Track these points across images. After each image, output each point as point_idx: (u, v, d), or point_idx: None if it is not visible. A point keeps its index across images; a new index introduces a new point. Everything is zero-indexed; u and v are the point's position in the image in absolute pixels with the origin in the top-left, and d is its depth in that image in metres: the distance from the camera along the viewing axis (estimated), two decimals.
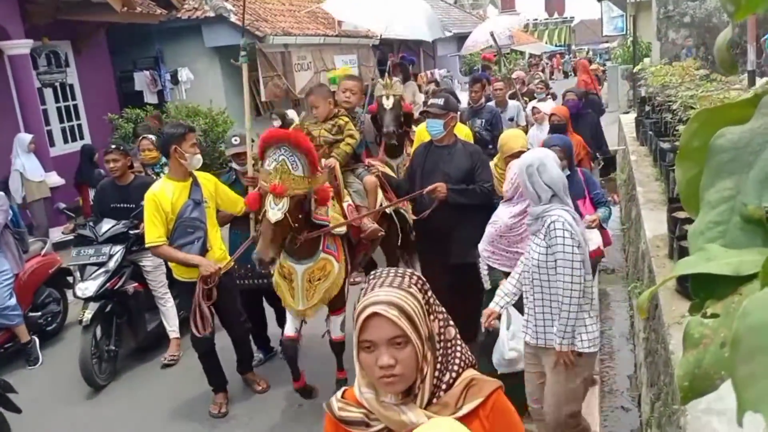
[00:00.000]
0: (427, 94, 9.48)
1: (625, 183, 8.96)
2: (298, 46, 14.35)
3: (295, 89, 13.68)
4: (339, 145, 4.63)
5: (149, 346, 5.64)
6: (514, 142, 4.47)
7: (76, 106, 11.31)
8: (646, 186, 6.39)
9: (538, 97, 9.15)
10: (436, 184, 4.42)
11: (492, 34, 10.04)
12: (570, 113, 6.55)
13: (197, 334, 4.20)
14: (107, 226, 5.30)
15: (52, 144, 10.41)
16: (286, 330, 4.29)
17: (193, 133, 4.38)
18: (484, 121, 7.23)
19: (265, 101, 13.48)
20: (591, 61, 20.08)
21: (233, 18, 12.26)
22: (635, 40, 17.79)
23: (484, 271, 4.10)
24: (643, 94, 10.70)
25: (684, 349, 0.70)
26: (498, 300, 3.40)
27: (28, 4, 9.36)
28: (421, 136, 5.62)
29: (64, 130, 11.03)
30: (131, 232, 5.29)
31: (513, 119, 8.04)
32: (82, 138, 11.21)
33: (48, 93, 10.53)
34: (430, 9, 9.65)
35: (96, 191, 5.94)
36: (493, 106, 7.91)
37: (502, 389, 1.50)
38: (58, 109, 10.94)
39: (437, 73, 18.85)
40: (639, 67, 13.15)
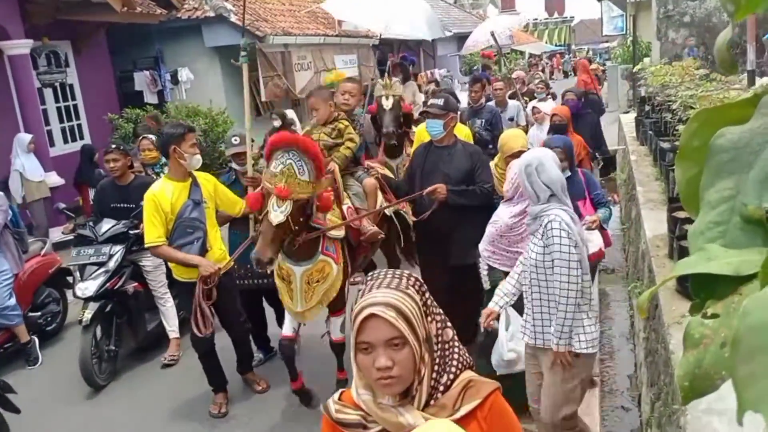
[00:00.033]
0: (426, 94, 9.47)
1: (625, 183, 8.96)
2: (298, 46, 14.35)
3: (295, 89, 13.68)
4: (339, 149, 4.63)
5: (149, 346, 5.64)
6: (515, 141, 4.47)
7: (76, 106, 11.31)
8: (646, 186, 6.39)
9: (538, 96, 9.15)
10: (436, 186, 4.40)
11: (493, 33, 10.02)
12: (569, 113, 6.55)
13: (198, 334, 4.21)
14: (107, 226, 5.30)
15: (52, 144, 10.41)
16: (284, 330, 4.29)
17: (192, 133, 4.37)
18: (483, 121, 7.22)
19: (265, 101, 13.48)
20: (591, 60, 20.07)
21: (233, 18, 12.26)
22: (635, 40, 17.80)
23: (484, 271, 4.10)
24: (642, 94, 10.70)
25: (684, 349, 0.70)
26: (497, 300, 3.39)
27: (28, 4, 9.35)
28: (421, 137, 5.61)
29: (63, 130, 11.03)
30: (131, 232, 5.28)
31: (513, 119, 8.03)
32: (82, 138, 11.21)
33: (48, 93, 10.53)
34: (430, 9, 9.64)
35: (96, 191, 5.93)
36: (493, 105, 7.90)
37: (499, 390, 1.49)
38: (58, 109, 10.94)
39: (437, 72, 18.85)
40: (639, 66, 13.14)
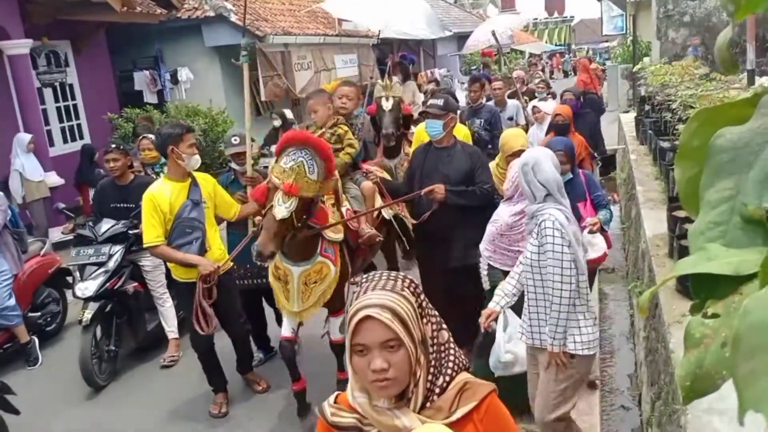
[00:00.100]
0: (426, 94, 9.46)
1: (625, 182, 8.96)
2: (298, 46, 14.34)
3: (295, 89, 13.67)
4: (338, 154, 4.61)
5: (149, 346, 5.64)
6: (515, 141, 4.47)
7: (75, 106, 11.30)
8: (645, 185, 6.40)
9: (539, 96, 9.15)
10: (434, 186, 4.37)
11: (494, 33, 10.01)
12: (571, 113, 6.53)
13: (201, 332, 4.20)
14: (107, 225, 5.30)
15: (52, 144, 10.40)
16: (283, 331, 4.28)
17: (191, 133, 4.35)
18: (483, 120, 7.20)
19: (265, 101, 13.48)
20: (591, 60, 20.05)
21: (233, 18, 12.26)
22: (635, 40, 17.78)
23: (484, 271, 4.10)
24: (642, 94, 10.69)
25: (685, 349, 0.70)
26: (498, 299, 3.38)
27: (28, 4, 9.34)
28: (420, 137, 5.60)
29: (63, 129, 11.02)
30: (131, 232, 5.28)
31: (512, 118, 8.03)
32: (82, 138, 11.20)
33: (48, 93, 10.52)
34: (430, 8, 9.64)
35: (95, 191, 5.93)
36: (493, 105, 7.89)
37: (495, 392, 1.49)
38: (58, 108, 10.93)
39: (437, 72, 18.83)
40: (639, 66, 13.13)
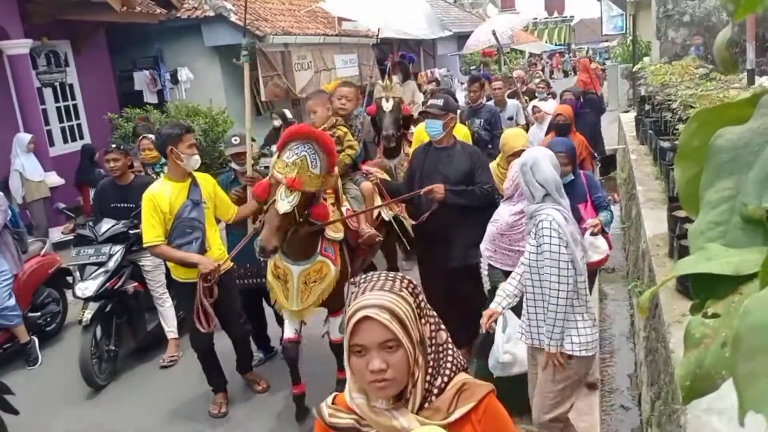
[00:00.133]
0: (425, 94, 9.46)
1: (625, 182, 8.96)
2: (298, 46, 14.34)
3: (295, 89, 13.67)
4: (339, 156, 4.61)
5: (149, 346, 5.64)
6: (515, 141, 4.46)
7: (75, 106, 11.30)
8: (646, 185, 6.40)
9: (539, 96, 9.14)
10: (434, 185, 4.37)
11: (494, 32, 10.01)
12: (572, 113, 6.52)
13: (201, 330, 4.20)
14: (107, 225, 5.29)
15: (52, 144, 10.40)
16: (286, 333, 4.27)
17: (190, 133, 4.33)
18: (483, 120, 7.19)
19: (265, 101, 13.48)
20: (591, 60, 20.05)
21: (233, 17, 12.26)
22: (635, 39, 17.79)
23: (485, 272, 4.09)
24: (642, 93, 10.69)
25: (685, 349, 0.70)
26: (499, 300, 3.37)
27: (28, 4, 9.34)
28: (420, 137, 5.59)
29: (63, 129, 11.03)
30: (131, 232, 5.28)
31: (512, 118, 8.03)
32: (82, 138, 11.20)
33: (47, 93, 10.52)
34: (430, 8, 9.65)
35: (96, 191, 5.93)
36: (493, 105, 7.89)
37: (494, 393, 1.49)
38: (58, 108, 10.93)
39: (437, 72, 18.83)
40: (639, 66, 13.13)
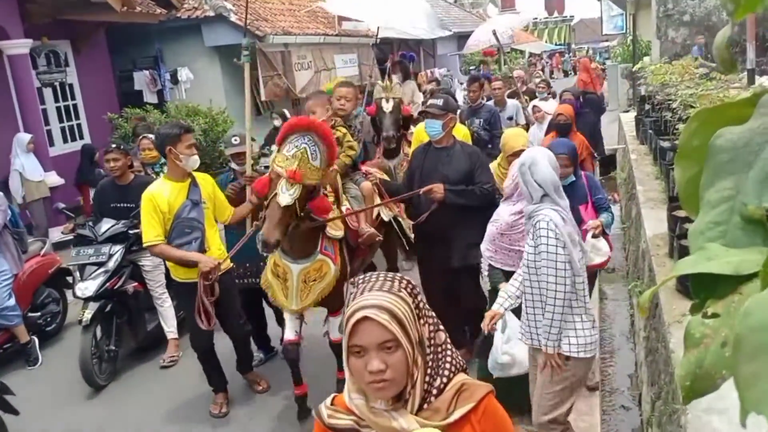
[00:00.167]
0: (425, 94, 9.45)
1: (626, 181, 8.97)
2: (298, 46, 14.34)
3: (295, 88, 13.67)
4: (339, 156, 4.61)
5: (149, 346, 5.63)
6: (515, 141, 4.47)
7: (75, 106, 11.30)
8: (646, 184, 6.40)
9: (540, 96, 9.14)
10: (433, 185, 4.36)
11: (494, 32, 10.01)
12: (573, 112, 6.51)
13: (202, 327, 4.19)
14: (107, 225, 5.29)
15: (52, 144, 10.41)
16: (286, 334, 4.25)
17: (189, 134, 4.31)
18: (482, 120, 7.19)
19: (265, 101, 13.48)
20: (591, 59, 20.05)
21: (233, 17, 12.26)
22: (635, 39, 17.78)
23: (485, 272, 4.09)
24: (642, 93, 10.69)
25: (685, 349, 0.70)
26: (501, 301, 3.37)
27: (28, 4, 9.34)
28: (420, 137, 5.59)
29: (63, 129, 11.03)
30: (131, 232, 5.27)
31: (512, 118, 8.02)
32: (82, 138, 11.20)
33: (47, 93, 10.52)
34: (430, 7, 9.64)
35: (96, 191, 5.93)
36: (492, 105, 7.88)
37: (493, 393, 1.48)
38: (58, 108, 10.93)
39: (437, 72, 18.82)
40: (639, 65, 13.13)
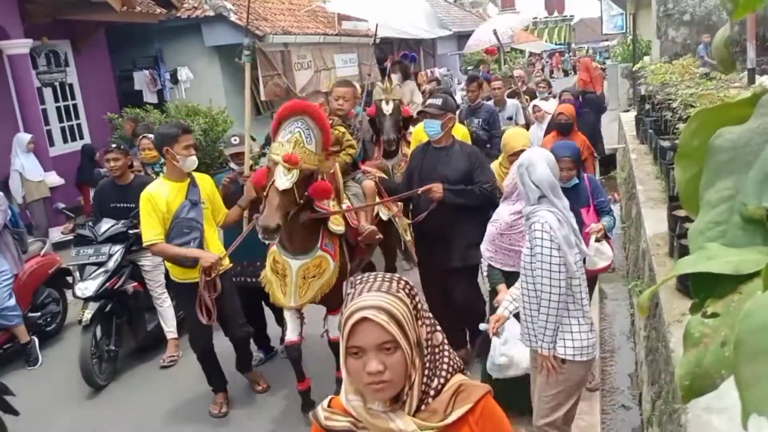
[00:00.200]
0: (425, 94, 9.45)
1: (626, 181, 8.97)
2: (298, 45, 14.34)
3: (295, 88, 13.67)
4: (339, 155, 4.61)
5: (149, 346, 5.63)
6: (516, 141, 4.46)
7: (75, 106, 11.30)
8: (646, 184, 6.40)
9: (540, 95, 9.14)
10: (432, 184, 4.35)
11: (495, 32, 10.00)
12: (574, 112, 6.49)
13: (202, 320, 4.17)
14: (106, 225, 5.29)
15: (52, 144, 10.40)
16: (288, 335, 4.24)
17: (187, 134, 4.29)
18: (481, 120, 7.17)
19: (265, 100, 13.48)
20: (592, 59, 20.05)
21: (233, 17, 12.26)
22: (635, 38, 17.79)
23: (485, 272, 4.09)
24: (643, 93, 10.70)
25: (684, 348, 0.70)
26: (506, 305, 3.37)
27: (28, 4, 9.34)
28: (419, 136, 5.59)
29: (63, 129, 11.02)
30: (130, 232, 5.27)
31: (512, 118, 8.01)
32: (82, 138, 11.20)
33: (47, 92, 10.52)
34: (430, 7, 9.64)
35: (95, 191, 5.93)
36: (491, 105, 7.87)
37: (490, 394, 1.48)
38: (58, 108, 10.92)
39: (437, 72, 18.81)
40: (639, 65, 13.13)
